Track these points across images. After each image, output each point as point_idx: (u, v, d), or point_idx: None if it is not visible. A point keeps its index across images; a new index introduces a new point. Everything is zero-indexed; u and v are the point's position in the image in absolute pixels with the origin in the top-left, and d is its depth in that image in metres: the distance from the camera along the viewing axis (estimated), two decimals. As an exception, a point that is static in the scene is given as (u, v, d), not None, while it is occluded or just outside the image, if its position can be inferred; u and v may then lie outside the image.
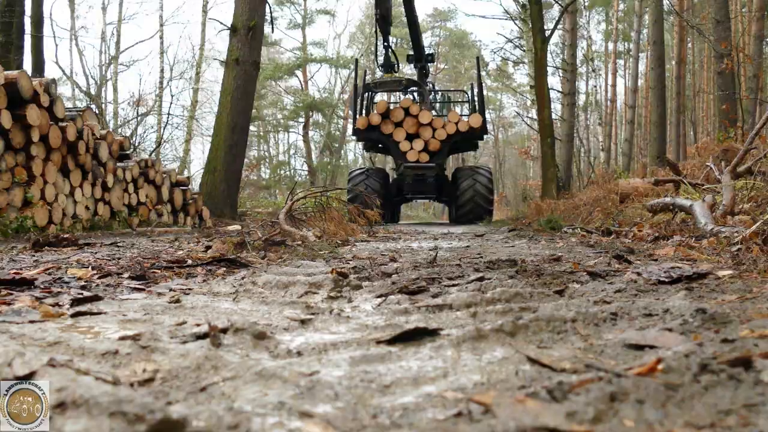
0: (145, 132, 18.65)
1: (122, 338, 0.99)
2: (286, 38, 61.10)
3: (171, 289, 1.67)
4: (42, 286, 1.61)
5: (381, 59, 14.15)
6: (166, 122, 19.16)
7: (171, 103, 20.19)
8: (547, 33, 13.93)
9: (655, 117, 15.10)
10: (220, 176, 12.45)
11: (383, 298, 1.47)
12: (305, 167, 34.52)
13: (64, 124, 7.32)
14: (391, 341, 1.00)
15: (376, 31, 14.00)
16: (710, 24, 14.93)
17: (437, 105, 16.45)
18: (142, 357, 0.89)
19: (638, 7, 21.72)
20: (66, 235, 4.31)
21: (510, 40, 21.71)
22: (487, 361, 0.88)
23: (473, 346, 0.95)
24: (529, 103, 29.13)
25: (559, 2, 16.36)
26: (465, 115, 13.97)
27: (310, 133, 34.31)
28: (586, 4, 28.38)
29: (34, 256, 2.90)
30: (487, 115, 14.56)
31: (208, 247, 3.11)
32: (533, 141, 29.19)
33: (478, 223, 12.50)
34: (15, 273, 1.75)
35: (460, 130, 13.25)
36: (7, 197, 6.42)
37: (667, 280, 1.54)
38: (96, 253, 3.16)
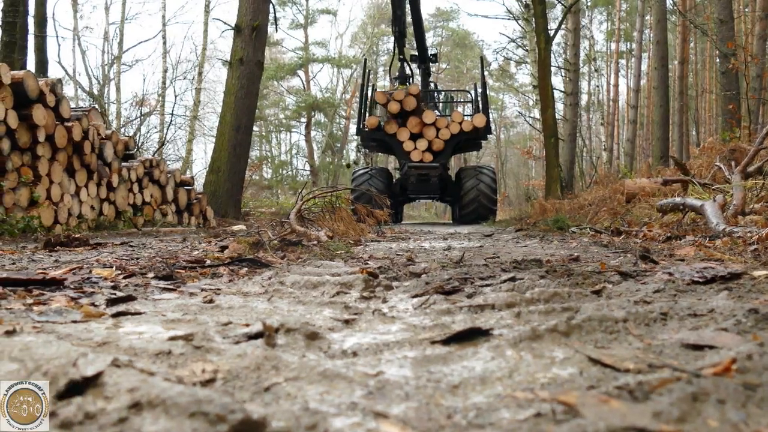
0: (148, 132, 18.64)
1: (172, 338, 0.99)
2: (288, 38, 61.09)
3: (202, 289, 1.67)
4: (72, 286, 1.60)
5: (396, 71, 14.19)
6: (170, 122, 19.15)
7: (174, 104, 20.21)
8: (551, 33, 13.92)
9: (658, 117, 15.11)
10: (224, 176, 12.46)
11: (419, 298, 1.47)
12: (307, 167, 34.52)
13: (69, 123, 7.32)
14: (447, 341, 1.00)
15: (393, 47, 14.05)
16: (713, 24, 14.94)
17: (440, 105, 16.43)
18: (198, 357, 0.89)
19: (641, 7, 21.72)
20: (78, 236, 4.32)
21: (513, 40, 21.70)
22: (549, 361, 0.88)
23: (530, 346, 0.95)
24: (531, 102, 29.13)
25: (562, 2, 16.36)
26: (468, 115, 13.96)
27: (312, 133, 34.32)
28: (589, 3, 28.36)
29: (51, 255, 2.90)
30: (490, 115, 14.56)
31: (223, 248, 3.11)
32: (535, 141, 29.17)
33: (482, 222, 12.49)
34: (42, 273, 1.75)
35: (463, 130, 13.24)
36: (13, 197, 6.42)
37: (701, 280, 1.54)
38: (112, 253, 3.16)
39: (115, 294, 1.50)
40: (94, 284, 1.66)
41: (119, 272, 1.95)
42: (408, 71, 14.15)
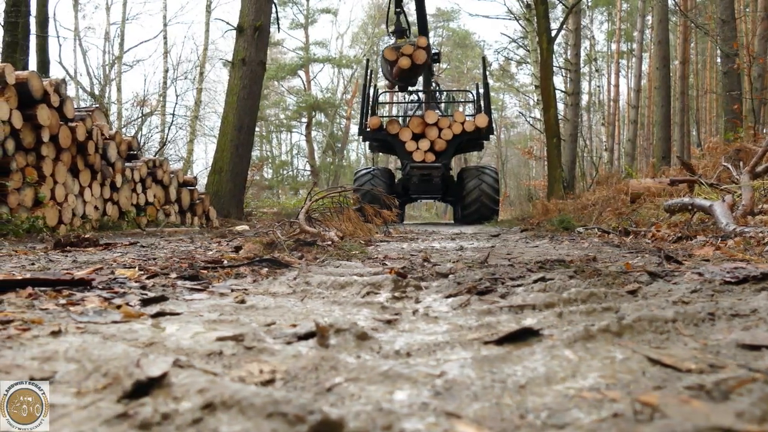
0: (149, 132, 18.61)
1: (221, 339, 0.98)
2: (289, 38, 61.02)
3: (231, 290, 1.67)
4: (100, 287, 1.60)
5: (393, 25, 13.60)
6: (171, 122, 19.11)
7: (176, 104, 20.17)
8: (553, 33, 13.93)
9: (660, 117, 15.14)
10: (227, 176, 12.46)
11: (454, 298, 1.47)
12: (308, 167, 34.51)
13: (73, 124, 7.30)
14: (500, 342, 1.00)
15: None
16: (714, 24, 14.96)
17: (442, 105, 16.42)
18: (251, 358, 0.88)
19: (641, 7, 21.74)
20: (87, 236, 4.31)
21: (514, 40, 21.71)
22: (609, 361, 0.88)
23: (585, 347, 0.95)
24: (531, 102, 29.15)
25: (564, 2, 16.37)
26: (471, 116, 13.96)
27: (313, 133, 34.29)
28: (589, 3, 28.37)
29: (67, 256, 2.89)
30: (492, 115, 14.50)
31: (237, 248, 3.10)
32: (536, 141, 29.19)
33: (484, 223, 12.48)
34: (67, 273, 1.75)
35: (466, 130, 13.24)
36: (18, 197, 6.40)
37: (733, 280, 1.54)
38: (126, 253, 3.15)
39: (147, 294, 1.50)
40: (121, 284, 1.66)
41: (142, 272, 1.95)
42: (405, 24, 13.61)
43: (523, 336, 1.02)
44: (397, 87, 14.18)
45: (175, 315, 1.26)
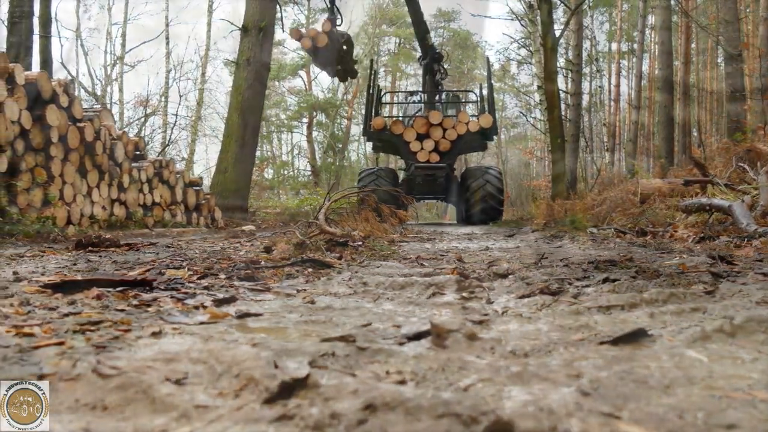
0: (151, 133, 18.56)
1: (326, 340, 0.98)
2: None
3: (297, 290, 1.66)
4: (162, 287, 1.59)
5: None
6: (174, 123, 19.04)
7: (179, 104, 20.10)
8: (556, 33, 13.94)
9: (662, 117, 15.18)
10: (231, 176, 12.45)
11: (529, 298, 1.47)
12: (309, 168, 34.48)
13: (81, 124, 7.28)
14: (615, 342, 1.00)
15: None
16: (715, 24, 15.02)
17: (445, 105, 16.44)
18: (368, 359, 0.88)
19: (642, 8, 21.80)
20: (108, 236, 4.29)
21: (516, 41, 21.74)
22: (739, 361, 0.88)
23: (705, 347, 0.95)
24: (532, 103, 29.20)
25: (566, 2, 16.40)
26: (474, 116, 13.96)
27: (314, 134, 34.23)
28: (590, 4, 28.41)
29: (101, 256, 2.87)
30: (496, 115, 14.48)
31: (267, 248, 3.09)
32: (536, 141, 29.24)
33: (489, 223, 12.48)
34: (123, 275, 1.74)
35: (470, 131, 13.24)
36: (27, 197, 6.37)
37: (802, 280, 1.55)
38: (158, 253, 3.14)
39: (215, 295, 1.49)
40: (181, 285, 1.65)
41: (191, 273, 1.93)
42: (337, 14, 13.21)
43: (636, 336, 1.02)
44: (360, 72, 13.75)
45: (258, 316, 1.25)
